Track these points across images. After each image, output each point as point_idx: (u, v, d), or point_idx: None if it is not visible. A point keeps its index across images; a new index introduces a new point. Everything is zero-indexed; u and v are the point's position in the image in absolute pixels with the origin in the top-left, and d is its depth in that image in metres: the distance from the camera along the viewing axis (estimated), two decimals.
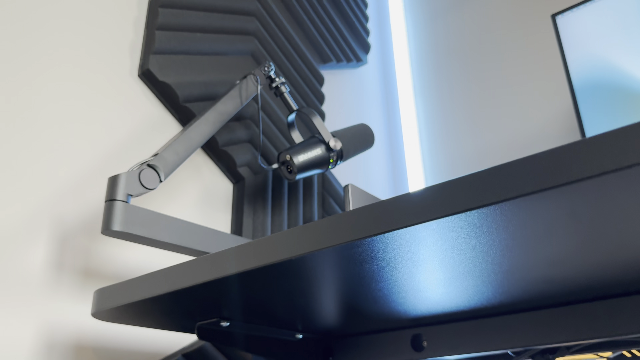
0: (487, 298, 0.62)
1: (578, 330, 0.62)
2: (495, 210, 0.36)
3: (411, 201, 0.39)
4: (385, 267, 0.49)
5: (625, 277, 0.56)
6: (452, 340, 0.71)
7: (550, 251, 0.46)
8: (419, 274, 0.51)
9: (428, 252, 0.45)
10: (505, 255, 0.46)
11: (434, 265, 0.49)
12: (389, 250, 0.44)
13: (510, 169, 0.35)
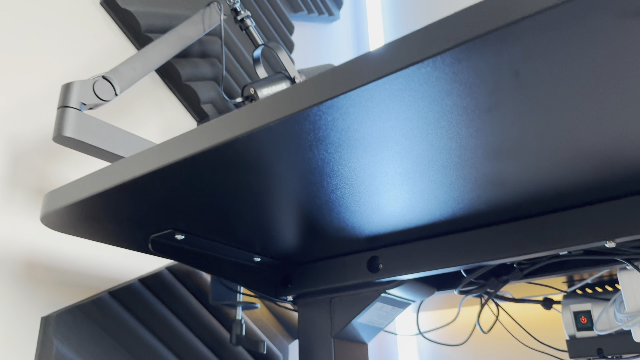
0: (440, 210, 0.62)
1: (529, 244, 0.63)
2: (436, 64, 0.36)
3: (357, 64, 0.39)
4: (335, 155, 0.49)
5: (574, 188, 0.58)
6: (406, 260, 0.72)
7: (499, 137, 0.46)
8: (371, 166, 0.51)
9: (378, 128, 0.45)
10: (452, 138, 0.46)
11: (385, 152, 0.49)
12: (336, 127, 0.44)
13: (454, 18, 0.35)
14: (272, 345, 0.95)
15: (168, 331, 0.80)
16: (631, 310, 0.74)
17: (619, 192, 0.58)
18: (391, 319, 0.82)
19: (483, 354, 1.10)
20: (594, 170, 0.53)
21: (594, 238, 0.59)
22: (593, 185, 0.57)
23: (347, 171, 0.52)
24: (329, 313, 0.79)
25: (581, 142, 0.48)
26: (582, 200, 0.60)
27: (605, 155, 0.50)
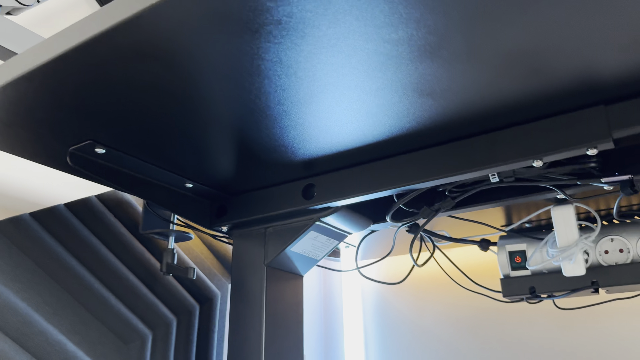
0: (373, 128, 0.61)
1: (458, 165, 0.63)
2: None
3: None
4: (274, 50, 0.46)
5: (503, 105, 0.57)
6: (340, 187, 0.70)
7: (423, 30, 0.45)
8: (310, 66, 0.49)
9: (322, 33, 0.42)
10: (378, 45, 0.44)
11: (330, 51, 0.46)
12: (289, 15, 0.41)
13: None
14: (210, 283, 0.94)
15: (95, 259, 0.77)
16: (562, 245, 0.75)
17: (546, 111, 0.58)
18: (327, 250, 0.81)
19: (424, 294, 1.11)
20: (520, 79, 0.52)
21: (522, 157, 0.59)
22: (521, 103, 0.56)
23: (283, 72, 0.50)
24: (263, 242, 0.77)
25: (506, 44, 0.47)
26: (510, 120, 0.60)
27: (531, 61, 0.49)
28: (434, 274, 1.08)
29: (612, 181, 0.61)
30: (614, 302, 0.88)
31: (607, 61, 0.50)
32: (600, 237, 0.79)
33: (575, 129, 0.56)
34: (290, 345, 0.76)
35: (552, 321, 0.97)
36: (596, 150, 0.56)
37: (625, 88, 0.55)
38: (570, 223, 0.75)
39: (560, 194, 0.67)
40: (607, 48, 0.48)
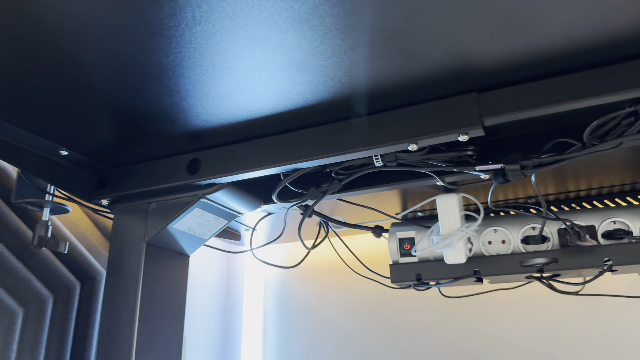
0: (260, 101, 0.59)
1: (339, 145, 0.62)
2: None
3: None
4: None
5: (380, 89, 0.57)
6: (226, 162, 0.68)
7: None
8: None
9: None
10: None
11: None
12: None
13: None
14: (94, 261, 0.89)
15: None
16: (445, 233, 0.77)
17: (422, 96, 0.59)
18: (215, 230, 0.78)
19: (324, 280, 1.11)
20: (393, 59, 0.52)
21: (398, 139, 0.59)
22: (397, 86, 0.56)
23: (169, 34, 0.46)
24: (144, 218, 0.74)
25: (374, 20, 0.46)
26: (388, 103, 0.60)
27: (402, 41, 0.49)
28: (335, 259, 1.08)
29: (485, 169, 0.62)
30: (498, 292, 0.91)
31: (479, 47, 0.51)
32: (484, 228, 0.82)
33: (448, 115, 0.57)
34: (168, 327, 0.73)
35: (442, 308, 1.00)
36: (467, 137, 0.57)
37: (498, 77, 0.56)
38: (453, 212, 0.76)
39: (440, 181, 0.68)
40: (476, 32, 0.49)
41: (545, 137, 0.64)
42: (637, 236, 0.74)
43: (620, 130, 0.56)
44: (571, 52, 0.51)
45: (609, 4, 0.45)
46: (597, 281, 0.88)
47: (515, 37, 0.49)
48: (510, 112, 0.55)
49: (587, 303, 0.89)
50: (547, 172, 0.77)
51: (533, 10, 0.46)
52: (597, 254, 0.74)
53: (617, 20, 0.47)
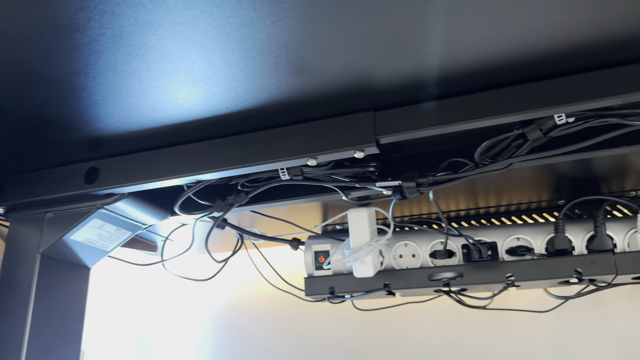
0: (160, 114, 0.57)
1: (239, 158, 0.62)
2: None
3: None
4: None
5: (279, 104, 0.56)
6: (126, 172, 0.66)
7: None
8: None
9: None
10: None
11: None
12: None
13: None
14: None
15: None
16: (355, 247, 0.77)
17: (322, 112, 0.59)
18: (118, 241, 0.76)
19: (243, 292, 1.10)
20: (286, 76, 0.52)
21: (298, 154, 0.59)
22: (293, 103, 0.56)
23: None
24: (39, 228, 0.70)
25: (260, 35, 0.46)
26: (291, 118, 0.60)
27: (294, 58, 0.49)
28: (255, 272, 1.07)
29: (384, 185, 0.63)
30: (415, 305, 0.92)
31: (374, 68, 0.51)
32: (396, 242, 0.83)
33: (345, 132, 0.58)
34: (64, 342, 0.70)
35: (360, 320, 1.00)
36: (363, 154, 0.58)
37: (394, 96, 0.57)
38: (363, 226, 0.77)
39: (344, 196, 0.68)
40: (367, 53, 0.49)
41: (448, 154, 0.66)
42: (539, 253, 0.76)
43: (511, 151, 0.58)
44: (460, 75, 0.53)
45: (490, 32, 0.47)
46: (506, 295, 0.91)
47: (404, 59, 0.50)
48: (404, 132, 0.56)
49: (496, 317, 0.91)
50: (460, 188, 0.79)
51: (420, 35, 0.47)
52: (499, 269, 0.76)
53: (500, 48, 0.49)
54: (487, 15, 0.45)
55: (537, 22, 0.46)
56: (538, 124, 0.55)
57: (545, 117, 0.54)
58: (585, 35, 0.47)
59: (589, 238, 0.75)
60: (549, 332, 0.90)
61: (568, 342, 0.89)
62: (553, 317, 0.89)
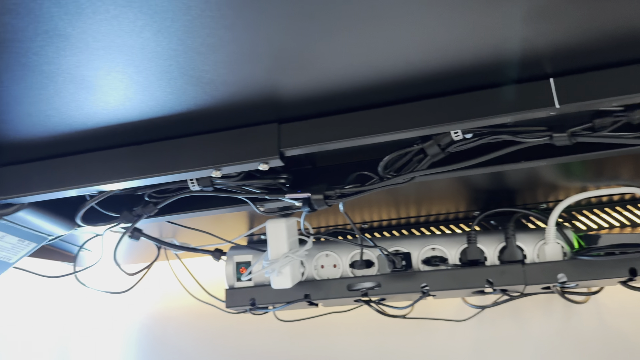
0: (78, 115, 0.55)
1: (146, 168, 0.60)
2: None
3: None
4: None
5: (184, 115, 0.55)
6: (25, 181, 0.63)
7: None
8: None
9: None
10: None
11: None
12: None
13: None
14: None
15: None
16: (272, 258, 0.76)
17: (226, 123, 0.58)
18: (22, 252, 0.72)
19: (166, 304, 1.07)
20: (182, 87, 0.51)
21: (200, 165, 0.58)
22: (195, 114, 0.55)
23: None
24: None
25: (148, 44, 0.45)
26: (195, 129, 0.59)
27: (187, 69, 0.48)
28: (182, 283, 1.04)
29: (294, 198, 0.63)
30: (340, 315, 0.92)
31: (276, 80, 0.51)
32: (317, 252, 0.83)
33: (249, 144, 0.57)
34: None
35: (285, 331, 0.99)
36: (267, 166, 0.57)
37: (299, 109, 0.57)
38: (281, 236, 0.76)
39: (254, 208, 0.68)
40: (263, 66, 0.49)
41: (363, 166, 0.66)
42: (452, 264, 0.78)
43: (413, 165, 0.59)
44: (359, 91, 0.53)
45: (383, 51, 0.47)
46: (428, 304, 0.92)
47: (300, 74, 0.50)
48: (308, 145, 0.56)
49: (418, 325, 0.93)
50: (379, 199, 0.80)
51: (313, 51, 0.47)
52: (415, 279, 0.77)
53: (395, 66, 0.50)
54: (377, 34, 0.45)
55: (428, 41, 0.47)
56: (436, 139, 0.56)
57: (443, 133, 0.56)
58: (471, 55, 0.48)
59: (501, 249, 0.77)
60: (468, 340, 0.92)
61: (486, 350, 0.92)
62: (472, 325, 0.91)
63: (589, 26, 0.45)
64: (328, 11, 0.42)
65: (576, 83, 0.50)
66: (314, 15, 0.43)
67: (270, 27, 0.44)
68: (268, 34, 0.44)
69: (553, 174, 0.74)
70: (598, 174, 0.75)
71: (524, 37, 0.46)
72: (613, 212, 0.82)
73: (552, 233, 0.74)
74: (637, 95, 0.49)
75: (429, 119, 0.53)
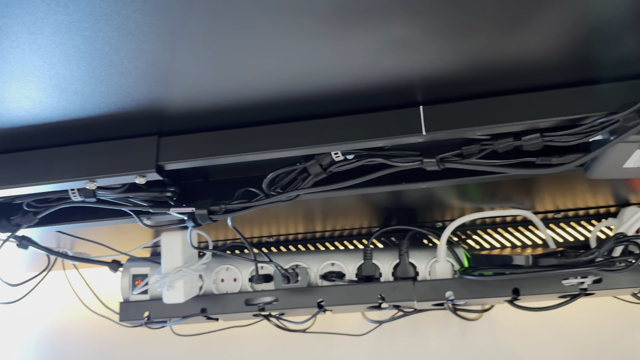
0: None
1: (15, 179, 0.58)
2: None
3: None
4: None
5: (60, 123, 0.54)
6: None
7: None
8: None
9: None
10: None
11: None
12: None
13: None
14: None
15: None
16: (166, 271, 0.75)
17: (105, 134, 0.57)
18: None
19: (66, 315, 1.03)
20: (54, 100, 0.49)
21: (74, 176, 0.56)
22: (68, 124, 0.54)
23: None
24: None
25: None
26: (69, 139, 0.57)
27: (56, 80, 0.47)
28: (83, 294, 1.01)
29: (179, 212, 0.62)
30: (239, 329, 0.92)
31: (152, 94, 0.50)
32: (218, 265, 0.82)
33: (127, 156, 0.56)
34: None
35: (187, 346, 0.97)
36: (144, 179, 0.56)
37: (180, 123, 0.56)
38: (175, 250, 0.75)
39: (138, 221, 0.66)
40: (132, 79, 0.48)
41: (255, 181, 0.65)
42: (348, 279, 0.79)
43: (298, 183, 0.60)
44: (240, 109, 0.53)
45: (253, 75, 0.48)
46: (331, 319, 0.93)
47: (172, 89, 0.50)
48: (187, 159, 0.55)
49: (320, 340, 0.93)
50: (288, 212, 0.80)
51: (184, 68, 0.47)
52: (312, 294, 0.78)
53: (263, 87, 0.50)
54: (243, 58, 0.46)
55: (296, 67, 0.47)
56: (318, 159, 0.57)
57: (324, 154, 0.56)
58: (342, 81, 0.49)
59: (395, 266, 0.79)
60: (368, 354, 0.94)
61: None
62: (372, 340, 0.92)
63: (453, 59, 0.47)
64: (190, 29, 0.42)
65: (443, 112, 0.52)
66: (177, 33, 0.42)
67: (133, 43, 0.43)
68: (132, 49, 0.44)
69: (449, 195, 0.76)
70: (492, 196, 0.78)
71: (393, 65, 0.48)
72: (505, 233, 0.86)
73: (443, 251, 0.77)
74: (499, 126, 0.51)
75: (308, 139, 0.54)
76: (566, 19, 0.42)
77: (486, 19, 0.42)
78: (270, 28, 0.42)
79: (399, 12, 0.41)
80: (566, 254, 0.70)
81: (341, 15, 0.41)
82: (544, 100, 0.50)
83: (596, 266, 0.66)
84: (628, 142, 0.50)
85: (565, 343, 0.89)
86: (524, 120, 0.50)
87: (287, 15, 0.41)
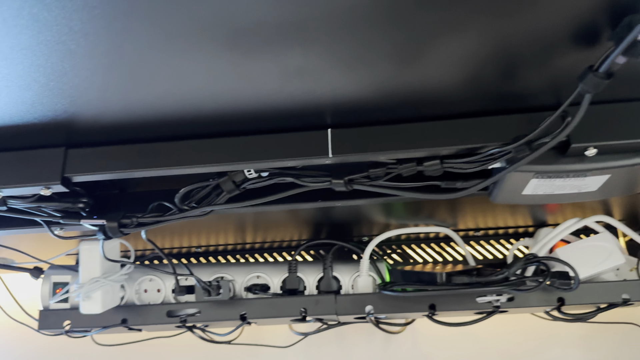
0: None
1: None
2: None
3: None
4: None
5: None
6: None
7: None
8: None
9: None
10: None
11: None
12: None
13: None
14: None
15: None
16: (83, 281, 0.74)
17: (9, 144, 0.55)
18: None
19: None
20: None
21: None
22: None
23: None
24: None
25: None
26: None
27: None
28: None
29: (90, 224, 0.61)
30: (165, 339, 0.91)
31: (57, 105, 0.49)
32: (141, 275, 0.81)
33: (33, 167, 0.55)
34: None
35: (107, 356, 0.96)
36: (50, 191, 0.55)
37: (90, 136, 0.55)
38: (94, 260, 0.74)
39: (49, 231, 0.65)
40: (39, 92, 0.47)
41: (171, 195, 0.65)
42: (272, 292, 0.79)
43: (212, 199, 0.60)
44: (149, 124, 0.53)
45: (157, 92, 0.48)
46: (258, 330, 0.93)
47: (74, 102, 0.49)
48: (93, 172, 0.55)
49: (248, 351, 0.93)
50: (219, 224, 0.80)
51: (88, 83, 0.46)
52: (235, 307, 0.78)
53: (168, 104, 0.50)
54: (143, 74, 0.45)
55: (202, 87, 0.48)
56: (230, 176, 0.57)
57: (236, 171, 0.57)
58: (253, 101, 0.50)
59: (319, 279, 0.80)
60: None
61: None
62: (299, 351, 0.93)
63: (357, 87, 0.48)
64: (88, 49, 0.42)
65: (350, 136, 0.53)
66: (75, 51, 0.42)
67: (27, 58, 0.42)
68: (28, 64, 0.43)
69: (375, 211, 0.78)
70: (415, 214, 0.80)
71: (299, 90, 0.49)
72: (428, 248, 0.88)
73: (366, 266, 0.78)
74: (402, 152, 0.53)
75: (219, 156, 0.54)
76: (457, 56, 0.44)
77: (380, 54, 0.43)
78: (171, 52, 0.42)
79: (294, 43, 0.41)
80: (482, 271, 0.72)
81: (239, 42, 0.42)
82: (444, 129, 0.52)
83: (507, 286, 0.69)
84: (522, 172, 0.52)
85: (485, 356, 0.92)
86: (425, 147, 0.52)
87: (186, 40, 0.41)
